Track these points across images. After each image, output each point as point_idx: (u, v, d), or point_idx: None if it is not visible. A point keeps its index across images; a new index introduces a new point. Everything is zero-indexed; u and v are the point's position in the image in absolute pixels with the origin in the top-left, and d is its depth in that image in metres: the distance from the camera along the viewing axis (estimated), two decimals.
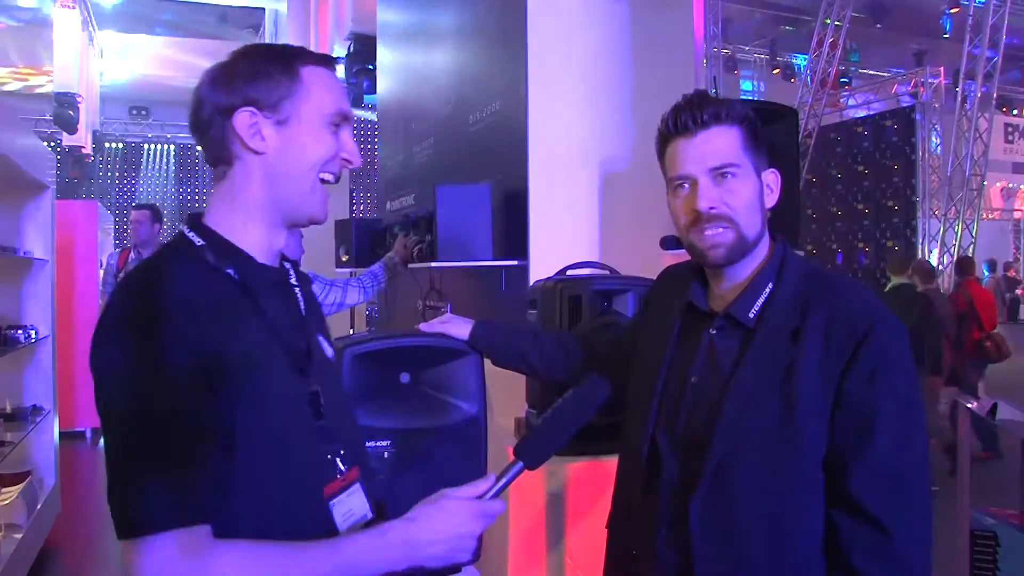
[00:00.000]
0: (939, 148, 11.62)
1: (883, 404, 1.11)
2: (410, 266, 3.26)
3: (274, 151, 1.03)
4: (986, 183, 11.92)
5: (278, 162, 1.03)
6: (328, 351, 1.16)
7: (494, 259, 2.94)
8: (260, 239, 1.06)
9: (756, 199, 1.22)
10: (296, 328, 1.07)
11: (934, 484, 1.20)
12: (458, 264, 2.96)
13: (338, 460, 1.06)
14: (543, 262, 2.60)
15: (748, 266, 1.24)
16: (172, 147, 14.71)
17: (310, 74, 1.05)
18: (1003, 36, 11.27)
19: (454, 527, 1.01)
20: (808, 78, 12.63)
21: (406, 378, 1.68)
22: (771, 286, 1.21)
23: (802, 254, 1.38)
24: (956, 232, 11.22)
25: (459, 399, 1.68)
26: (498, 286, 3.04)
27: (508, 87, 3.03)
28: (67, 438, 4.91)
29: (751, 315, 1.20)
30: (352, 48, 6.82)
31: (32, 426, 3.89)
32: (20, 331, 3.80)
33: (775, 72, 14.91)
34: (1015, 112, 15.12)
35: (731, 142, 1.20)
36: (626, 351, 1.44)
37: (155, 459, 0.88)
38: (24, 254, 3.99)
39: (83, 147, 11.13)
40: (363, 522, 1.07)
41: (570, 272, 2.31)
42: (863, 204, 12.22)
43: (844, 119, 13.21)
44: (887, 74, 14.63)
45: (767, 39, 14.71)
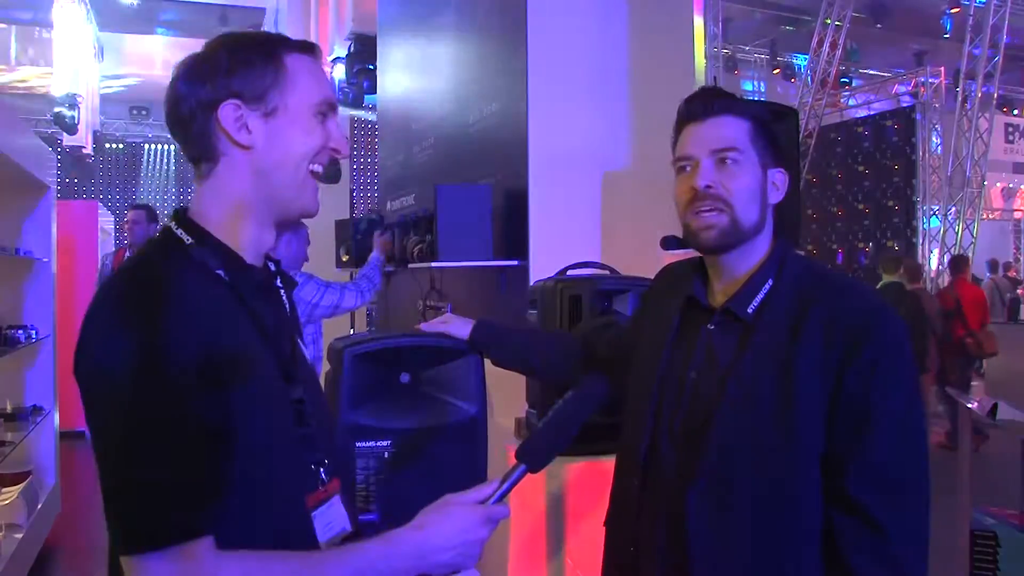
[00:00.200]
0: (939, 148, 11.60)
1: (883, 400, 1.10)
2: (410, 266, 3.26)
3: (262, 145, 0.98)
4: (986, 183, 11.92)
5: (267, 156, 0.99)
6: (308, 354, 1.13)
7: (494, 259, 2.94)
8: (249, 238, 1.02)
9: (756, 189, 1.22)
10: (283, 332, 1.05)
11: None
12: (458, 264, 2.96)
13: (321, 470, 1.04)
14: (543, 262, 2.60)
15: (748, 262, 1.24)
16: (172, 147, 14.66)
17: (294, 62, 1.00)
18: (1003, 36, 11.25)
19: (462, 534, 0.99)
20: (808, 78, 12.62)
21: (406, 378, 1.68)
22: (771, 282, 1.21)
23: (803, 254, 1.38)
24: (956, 232, 11.21)
25: (459, 399, 1.68)
26: (498, 286, 3.04)
27: (508, 87, 3.03)
28: (67, 438, 4.90)
29: (750, 310, 1.20)
30: (352, 48, 6.82)
31: (32, 426, 3.90)
32: (20, 331, 3.81)
33: (775, 72, 14.90)
34: (1015, 112, 15.09)
35: (738, 131, 1.21)
36: (626, 351, 1.43)
37: (155, 471, 0.85)
38: (24, 254, 3.99)
39: (83, 147, 11.11)
40: (342, 535, 1.05)
41: (570, 272, 2.32)
42: (863, 204, 12.20)
43: (844, 119, 13.19)
44: (887, 74, 14.59)
45: (767, 39, 14.69)
